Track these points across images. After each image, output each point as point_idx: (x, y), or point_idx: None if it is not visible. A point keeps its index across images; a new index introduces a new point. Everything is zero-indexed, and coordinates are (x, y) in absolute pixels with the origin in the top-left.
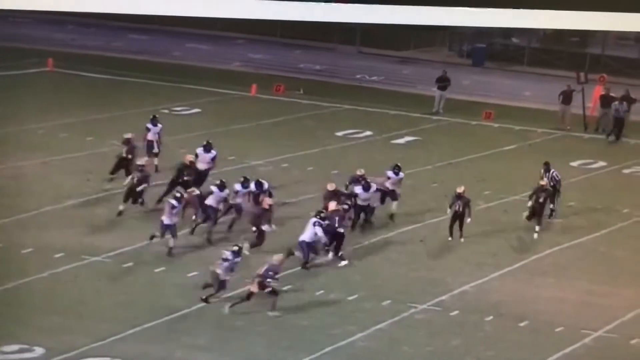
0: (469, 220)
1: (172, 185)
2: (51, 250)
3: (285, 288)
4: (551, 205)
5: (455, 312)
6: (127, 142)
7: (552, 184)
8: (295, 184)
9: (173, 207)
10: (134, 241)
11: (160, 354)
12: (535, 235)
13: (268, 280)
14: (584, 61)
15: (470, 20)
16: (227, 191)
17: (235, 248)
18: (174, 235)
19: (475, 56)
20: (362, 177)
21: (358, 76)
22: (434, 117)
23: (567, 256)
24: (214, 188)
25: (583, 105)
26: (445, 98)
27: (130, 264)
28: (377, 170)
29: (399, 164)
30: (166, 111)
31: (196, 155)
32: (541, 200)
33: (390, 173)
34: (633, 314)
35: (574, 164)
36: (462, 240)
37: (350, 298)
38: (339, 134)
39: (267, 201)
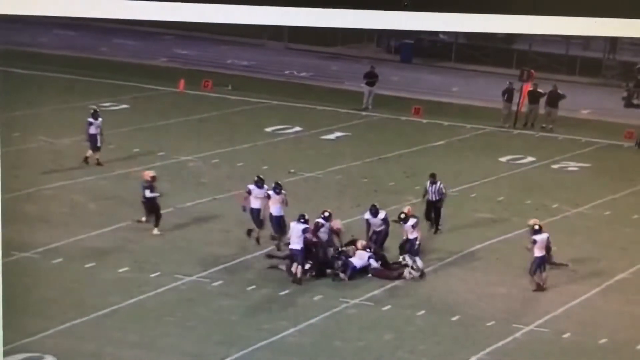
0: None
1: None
2: None
3: (216, 284)
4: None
5: (387, 307)
6: (153, 179)
7: (437, 197)
8: (225, 180)
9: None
10: (64, 237)
11: (91, 350)
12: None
13: None
14: (511, 57)
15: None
16: (266, 187)
17: (326, 214)
18: (299, 263)
19: (403, 52)
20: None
21: (286, 72)
22: (363, 113)
23: (497, 251)
24: (251, 186)
25: (518, 101)
26: (374, 94)
27: (59, 259)
28: (307, 167)
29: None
30: (94, 107)
31: (249, 192)
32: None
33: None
34: (564, 308)
35: (503, 159)
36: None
37: (282, 293)
38: (268, 129)
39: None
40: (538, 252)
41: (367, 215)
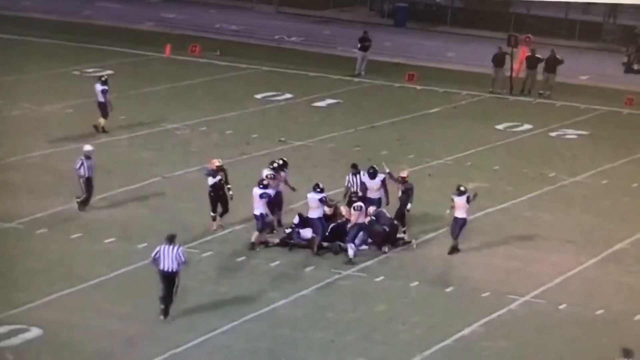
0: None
1: None
2: None
3: (206, 254)
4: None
5: (381, 278)
6: (218, 168)
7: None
8: (214, 148)
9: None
10: (49, 207)
11: (78, 322)
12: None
13: None
14: (508, 21)
15: None
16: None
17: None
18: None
19: (397, 16)
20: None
21: (277, 37)
22: (356, 79)
23: (493, 221)
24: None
25: (511, 67)
26: (367, 59)
27: (44, 230)
28: (298, 135)
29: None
30: (77, 73)
31: (363, 186)
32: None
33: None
34: (560, 279)
35: (500, 126)
36: None
37: (273, 264)
38: (258, 96)
39: None
40: (459, 214)
41: (364, 178)
